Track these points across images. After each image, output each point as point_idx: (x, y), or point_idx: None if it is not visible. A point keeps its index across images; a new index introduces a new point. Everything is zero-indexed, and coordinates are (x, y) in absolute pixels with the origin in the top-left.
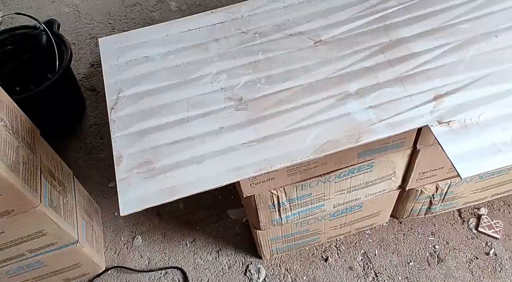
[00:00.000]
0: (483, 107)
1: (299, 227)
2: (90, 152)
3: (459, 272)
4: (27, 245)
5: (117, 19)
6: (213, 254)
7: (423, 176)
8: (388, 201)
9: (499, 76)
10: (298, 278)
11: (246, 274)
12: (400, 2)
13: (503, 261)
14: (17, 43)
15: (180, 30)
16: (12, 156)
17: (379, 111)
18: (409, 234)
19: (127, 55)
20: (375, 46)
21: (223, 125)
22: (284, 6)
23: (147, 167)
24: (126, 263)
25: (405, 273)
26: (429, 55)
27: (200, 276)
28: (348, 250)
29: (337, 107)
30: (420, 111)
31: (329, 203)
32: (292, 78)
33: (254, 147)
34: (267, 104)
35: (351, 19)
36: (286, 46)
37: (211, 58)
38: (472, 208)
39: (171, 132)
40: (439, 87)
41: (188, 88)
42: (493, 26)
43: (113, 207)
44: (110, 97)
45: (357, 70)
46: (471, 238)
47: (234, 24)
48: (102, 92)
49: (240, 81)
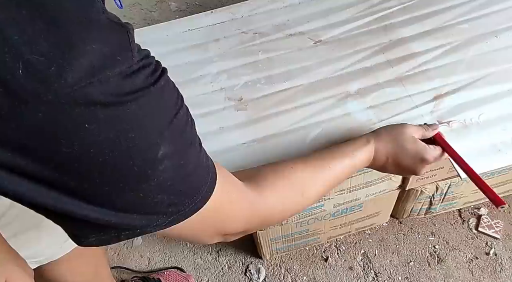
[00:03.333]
0: (483, 107)
1: (299, 227)
2: None
3: (459, 272)
4: None
5: None
6: (213, 254)
7: (423, 176)
8: (388, 201)
9: (499, 76)
10: (298, 278)
11: (246, 274)
12: (400, 2)
13: (503, 261)
14: None
15: (180, 30)
16: None
17: (379, 111)
18: (409, 234)
19: None
20: (375, 46)
21: (223, 125)
22: (284, 6)
23: None
24: (126, 263)
25: (405, 273)
26: (429, 55)
27: (200, 276)
28: (348, 250)
29: (337, 107)
30: (420, 111)
31: (329, 203)
32: (292, 78)
33: (254, 146)
34: (267, 104)
35: (351, 19)
36: (286, 46)
37: (211, 58)
38: (472, 208)
39: None
40: (439, 87)
41: (188, 88)
42: (493, 26)
43: None
44: None
45: (357, 70)
46: (471, 238)
47: (234, 24)
48: None
49: (240, 81)
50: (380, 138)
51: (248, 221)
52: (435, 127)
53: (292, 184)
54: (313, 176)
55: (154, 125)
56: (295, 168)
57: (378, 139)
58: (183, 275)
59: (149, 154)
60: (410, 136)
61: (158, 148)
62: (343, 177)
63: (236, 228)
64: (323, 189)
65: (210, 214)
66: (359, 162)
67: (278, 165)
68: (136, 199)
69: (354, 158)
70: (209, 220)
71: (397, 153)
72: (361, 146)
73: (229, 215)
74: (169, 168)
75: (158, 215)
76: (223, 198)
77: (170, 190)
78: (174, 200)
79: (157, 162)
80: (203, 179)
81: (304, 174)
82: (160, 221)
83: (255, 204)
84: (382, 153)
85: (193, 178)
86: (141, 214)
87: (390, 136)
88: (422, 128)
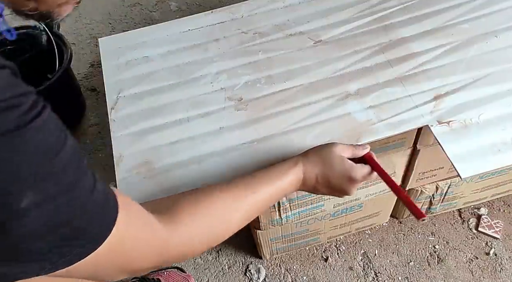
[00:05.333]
0: (483, 107)
1: (299, 227)
2: (90, 152)
3: (459, 272)
4: None
5: (117, 19)
6: (213, 254)
7: (423, 176)
8: (388, 201)
9: (499, 76)
10: (298, 278)
11: (246, 274)
12: (400, 2)
13: (503, 261)
14: (17, 43)
15: (180, 30)
16: None
17: (379, 111)
18: (409, 234)
19: (127, 55)
20: (375, 46)
21: (223, 125)
22: (284, 6)
23: (147, 167)
24: None
25: (405, 273)
26: (429, 55)
27: (200, 276)
28: (348, 250)
29: (337, 107)
30: (420, 111)
31: (329, 203)
32: (292, 78)
33: (254, 146)
34: (267, 104)
35: (351, 19)
36: (286, 46)
37: (211, 58)
38: (472, 208)
39: (171, 132)
40: (439, 87)
41: (188, 88)
42: (493, 26)
43: None
44: (110, 97)
45: (357, 70)
46: (471, 238)
47: (234, 24)
48: (102, 92)
49: (240, 81)
50: (308, 160)
51: (160, 257)
52: (365, 146)
53: (212, 215)
54: (235, 204)
55: (18, 172)
56: (215, 197)
57: (306, 160)
58: (183, 275)
59: (9, 205)
60: (338, 156)
61: (21, 197)
62: (271, 201)
63: (145, 265)
64: (248, 215)
65: (110, 253)
66: (287, 185)
67: (197, 195)
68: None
69: (282, 181)
70: (110, 259)
71: (325, 173)
72: (290, 168)
73: (135, 253)
74: (39, 216)
75: (40, 262)
76: (126, 235)
77: (48, 237)
78: (56, 245)
79: (21, 212)
80: (96, 218)
81: (225, 202)
82: (46, 266)
83: (168, 239)
84: (311, 174)
85: (81, 220)
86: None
87: (319, 156)
88: (352, 147)
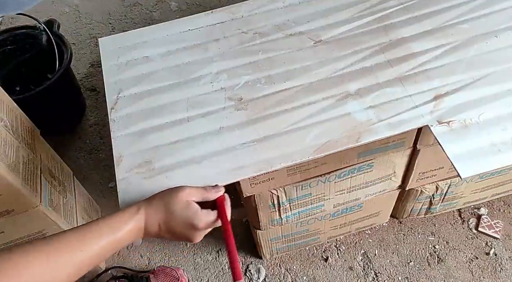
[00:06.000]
0: (483, 107)
1: (299, 227)
2: (90, 152)
3: (459, 272)
4: None
5: (117, 19)
6: (213, 254)
7: (423, 176)
8: (388, 201)
9: (499, 76)
10: (298, 278)
11: (246, 274)
12: (400, 2)
13: (503, 261)
14: (17, 43)
15: (180, 30)
16: (12, 156)
17: (379, 111)
18: (409, 234)
19: (127, 55)
20: (375, 46)
21: (223, 125)
22: (284, 6)
23: (147, 167)
24: (126, 263)
25: (405, 273)
26: (429, 55)
27: (200, 276)
28: (348, 250)
29: (337, 107)
30: (420, 111)
31: (329, 203)
32: (292, 78)
33: (254, 146)
34: (267, 104)
35: (351, 19)
36: (286, 46)
37: (211, 58)
38: (472, 208)
39: (171, 132)
40: (439, 87)
41: (188, 88)
42: (493, 26)
43: (113, 207)
44: (110, 97)
45: (357, 70)
46: (471, 238)
47: (234, 24)
48: (102, 92)
49: (240, 81)
50: (151, 206)
51: None
52: (219, 189)
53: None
54: (57, 266)
55: None
56: (29, 262)
57: (149, 206)
58: (172, 268)
59: None
60: (183, 201)
61: None
62: (105, 254)
63: None
64: (76, 272)
65: None
66: (125, 235)
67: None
68: None
69: (117, 233)
70: None
71: (167, 219)
72: (129, 217)
73: None
74: None
75: None
76: None
77: None
78: None
79: None
80: None
81: (46, 267)
82: None
83: None
84: (153, 221)
85: None
86: None
87: (162, 201)
88: (203, 190)
